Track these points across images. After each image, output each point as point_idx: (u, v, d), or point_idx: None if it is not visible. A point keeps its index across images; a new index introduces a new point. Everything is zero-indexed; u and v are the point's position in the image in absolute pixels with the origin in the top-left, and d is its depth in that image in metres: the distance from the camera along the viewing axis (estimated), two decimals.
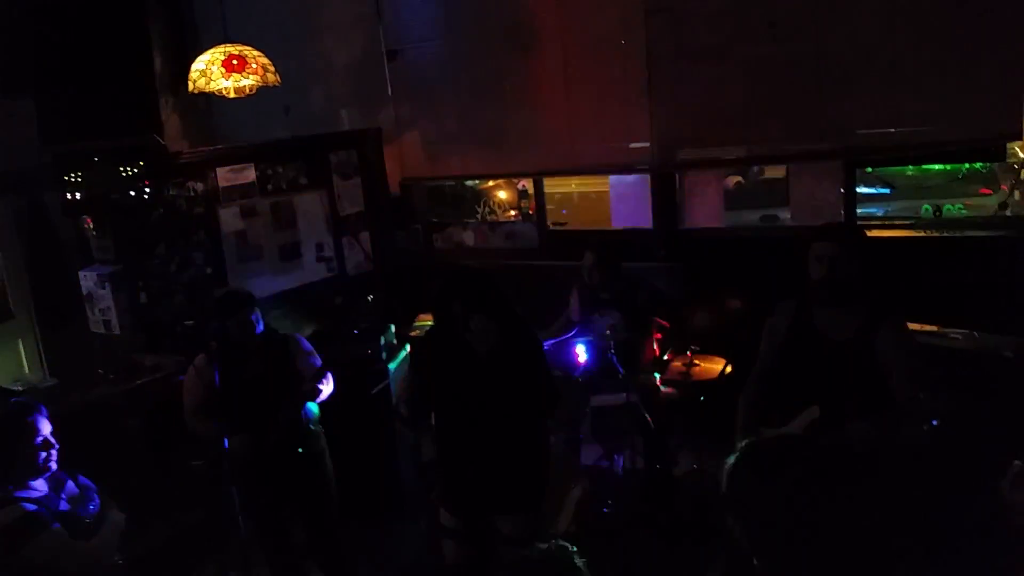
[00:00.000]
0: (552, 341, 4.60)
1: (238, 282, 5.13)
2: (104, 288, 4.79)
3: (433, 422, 3.35)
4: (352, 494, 4.22)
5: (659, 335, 4.59)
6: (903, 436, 2.85)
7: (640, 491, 4.51)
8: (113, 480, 3.22)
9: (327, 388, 3.87)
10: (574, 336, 4.64)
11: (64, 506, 2.88)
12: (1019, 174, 4.64)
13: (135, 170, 4.82)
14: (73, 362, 5.26)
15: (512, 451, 3.20)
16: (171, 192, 4.98)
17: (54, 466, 2.90)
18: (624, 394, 4.30)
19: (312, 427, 3.94)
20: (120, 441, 4.33)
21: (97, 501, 2.98)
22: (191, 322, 4.92)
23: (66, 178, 4.83)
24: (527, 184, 6.26)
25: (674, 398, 4.50)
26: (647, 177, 5.51)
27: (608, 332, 4.41)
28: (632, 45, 5.18)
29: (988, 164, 5.21)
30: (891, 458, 2.88)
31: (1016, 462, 2.98)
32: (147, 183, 4.85)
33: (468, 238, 6.45)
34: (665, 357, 4.57)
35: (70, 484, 2.97)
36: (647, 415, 4.42)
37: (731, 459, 1.71)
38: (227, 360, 3.67)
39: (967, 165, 5.37)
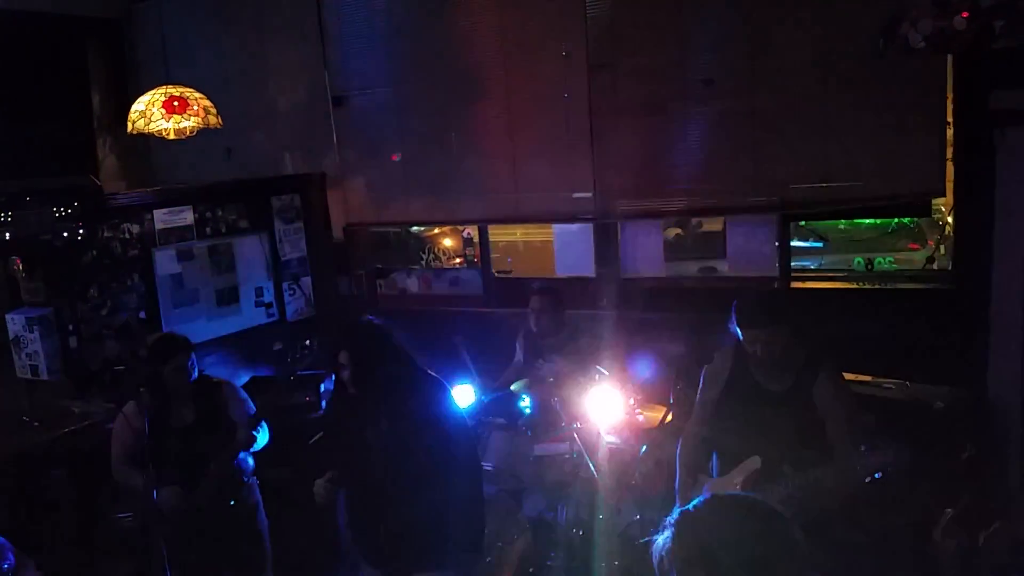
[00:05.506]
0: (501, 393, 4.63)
1: (173, 327, 5.01)
2: (32, 332, 4.63)
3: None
4: (287, 548, 4.09)
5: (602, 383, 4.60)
6: (837, 489, 2.88)
7: (584, 542, 4.46)
8: (35, 535, 3.07)
9: (262, 437, 3.77)
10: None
11: None
12: (944, 230, 4.83)
13: (69, 211, 4.71)
14: None
15: (418, 507, 3.09)
16: (105, 234, 4.88)
17: None
18: (567, 443, 4.28)
19: (246, 478, 3.83)
20: (44, 492, 4.14)
21: (12, 560, 2.83)
22: (122, 368, 4.78)
23: None
24: (472, 232, 6.28)
25: (616, 447, 4.50)
26: (590, 227, 5.58)
27: (551, 380, 4.41)
28: (575, 99, 5.29)
29: (915, 220, 5.40)
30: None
31: (947, 510, 3.03)
32: (80, 224, 4.74)
33: (412, 285, 6.42)
34: (607, 406, 4.58)
35: None
36: (591, 464, 4.40)
37: (660, 538, 1.63)
38: (158, 408, 3.56)
39: (896, 220, 5.56)
